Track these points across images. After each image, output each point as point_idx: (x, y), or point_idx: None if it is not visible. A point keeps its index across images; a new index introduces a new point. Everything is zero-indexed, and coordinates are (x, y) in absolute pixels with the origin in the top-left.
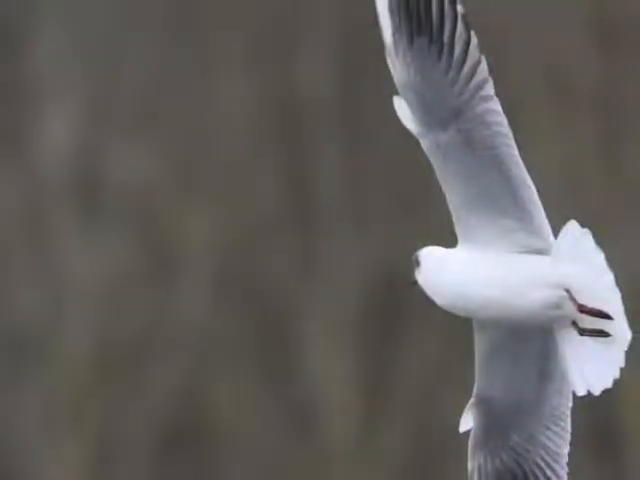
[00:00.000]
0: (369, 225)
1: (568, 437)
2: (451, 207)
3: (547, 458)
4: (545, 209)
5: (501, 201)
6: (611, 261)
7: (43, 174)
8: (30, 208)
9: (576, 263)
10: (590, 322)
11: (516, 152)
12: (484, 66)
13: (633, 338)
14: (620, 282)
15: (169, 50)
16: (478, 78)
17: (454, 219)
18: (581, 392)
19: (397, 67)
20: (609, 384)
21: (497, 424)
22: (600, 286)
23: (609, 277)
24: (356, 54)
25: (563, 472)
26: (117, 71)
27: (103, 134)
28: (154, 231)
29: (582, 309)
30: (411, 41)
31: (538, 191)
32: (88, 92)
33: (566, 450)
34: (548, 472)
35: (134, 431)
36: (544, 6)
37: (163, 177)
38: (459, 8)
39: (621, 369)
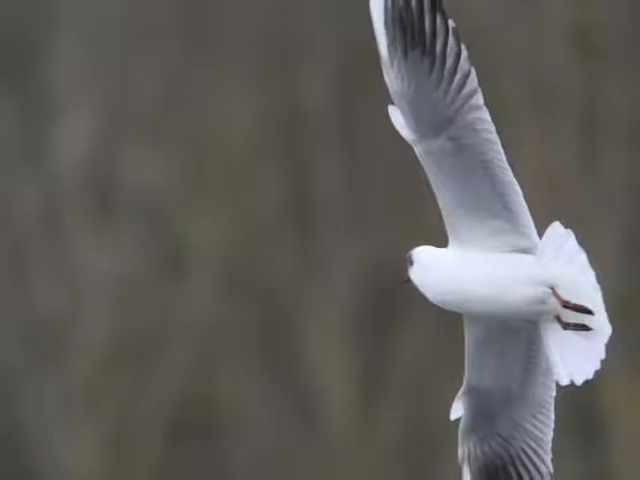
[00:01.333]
0: (366, 227)
1: (552, 424)
2: (442, 209)
3: (532, 444)
4: (530, 211)
5: (489, 204)
6: (592, 260)
7: (62, 179)
8: (50, 211)
9: (560, 262)
10: (573, 317)
11: (504, 158)
12: (474, 77)
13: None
14: (600, 279)
15: (179, 64)
16: (468, 88)
17: (445, 221)
18: (564, 382)
19: (392, 78)
20: (590, 375)
21: (485, 412)
22: (582, 283)
23: (590, 275)
24: (354, 67)
25: (547, 457)
26: (130, 82)
27: (118, 141)
28: (165, 232)
29: (566, 304)
30: (405, 54)
31: (524, 194)
32: (103, 102)
33: (550, 436)
34: (533, 457)
35: (146, 419)
36: (527, 20)
37: (173, 182)
38: (450, 23)
39: (602, 361)
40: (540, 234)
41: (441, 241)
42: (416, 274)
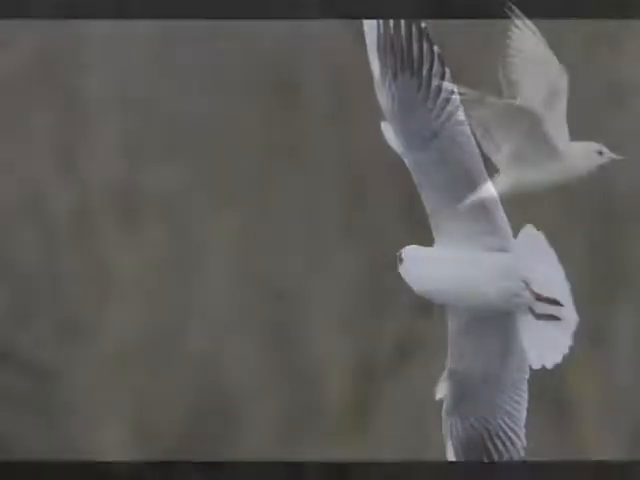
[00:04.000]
0: (362, 229)
1: (526, 403)
2: (429, 213)
3: (508, 422)
4: (506, 214)
5: (471, 208)
6: (560, 257)
7: (92, 185)
8: (80, 214)
9: (532, 259)
10: (544, 308)
11: (483, 167)
12: (457, 95)
13: None
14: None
15: (192, 80)
16: (452, 105)
17: (431, 223)
18: (536, 366)
19: (384, 97)
20: (559, 359)
21: (466, 393)
22: (552, 278)
23: (560, 271)
24: (351, 87)
25: (522, 432)
26: (151, 96)
27: (141, 152)
28: (182, 234)
29: (538, 297)
30: (395, 75)
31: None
32: (128, 118)
33: (524, 414)
34: (509, 433)
35: (166, 403)
36: (500, 41)
37: (191, 189)
38: (435, 48)
39: (569, 347)
40: (515, 235)
41: (429, 241)
42: (405, 270)
